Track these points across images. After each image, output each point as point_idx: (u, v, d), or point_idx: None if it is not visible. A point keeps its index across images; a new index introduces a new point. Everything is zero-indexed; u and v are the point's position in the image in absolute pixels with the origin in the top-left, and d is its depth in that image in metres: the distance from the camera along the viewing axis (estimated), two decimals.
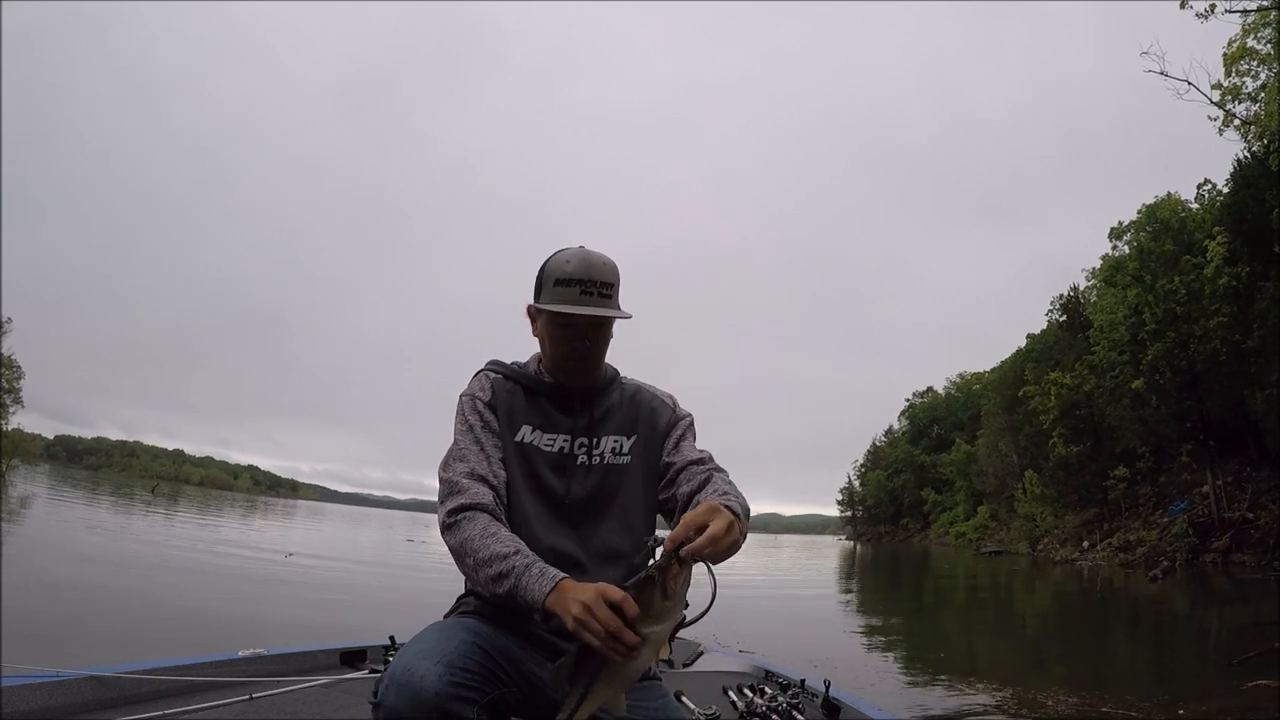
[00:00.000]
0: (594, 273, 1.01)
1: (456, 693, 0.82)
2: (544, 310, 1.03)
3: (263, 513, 34.11)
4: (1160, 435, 24.13)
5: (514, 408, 1.07)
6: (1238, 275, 19.05)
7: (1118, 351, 25.14)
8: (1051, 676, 5.01)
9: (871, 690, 4.22)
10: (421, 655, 0.84)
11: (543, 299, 1.03)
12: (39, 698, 1.45)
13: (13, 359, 32.24)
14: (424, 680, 0.81)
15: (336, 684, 1.80)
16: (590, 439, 1.07)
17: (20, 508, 15.89)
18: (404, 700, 0.81)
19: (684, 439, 1.12)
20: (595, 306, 1.01)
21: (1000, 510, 39.10)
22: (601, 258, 1.04)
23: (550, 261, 1.04)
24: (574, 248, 1.05)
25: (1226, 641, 7.01)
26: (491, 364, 1.14)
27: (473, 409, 1.06)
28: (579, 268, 1.01)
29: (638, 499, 1.09)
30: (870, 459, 68.98)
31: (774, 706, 1.70)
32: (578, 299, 1.00)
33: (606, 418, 1.09)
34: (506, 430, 1.05)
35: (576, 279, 1.00)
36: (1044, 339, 35.19)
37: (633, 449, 1.09)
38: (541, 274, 1.05)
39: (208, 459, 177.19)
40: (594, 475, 1.06)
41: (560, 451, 1.06)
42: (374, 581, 9.39)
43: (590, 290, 1.01)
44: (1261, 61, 14.19)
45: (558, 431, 1.06)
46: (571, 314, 1.00)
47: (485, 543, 0.92)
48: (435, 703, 0.81)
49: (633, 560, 1.05)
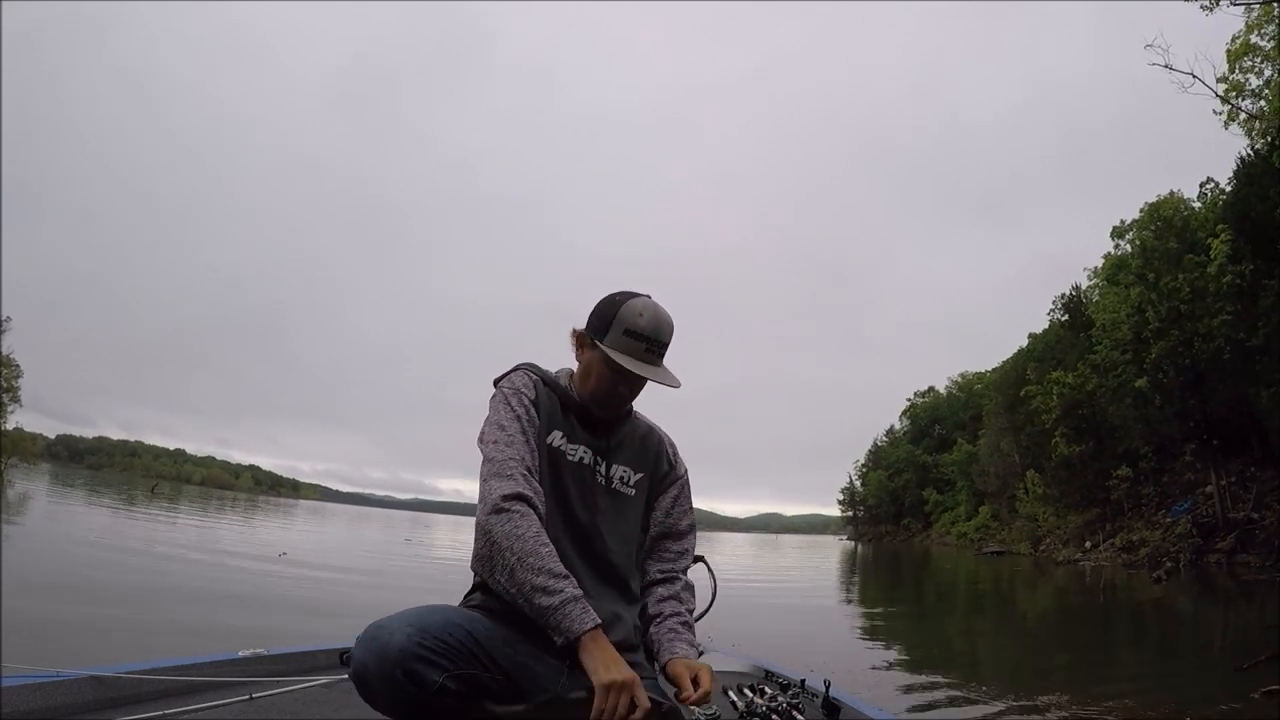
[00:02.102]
0: (662, 333, 1.07)
1: (423, 655, 0.85)
2: (603, 351, 1.07)
3: (264, 512, 34.19)
4: (1163, 434, 24.05)
5: (552, 412, 1.11)
6: (1241, 273, 18.95)
7: (1120, 350, 25.06)
8: (1054, 679, 4.99)
9: (871, 690, 4.21)
10: (400, 619, 0.88)
11: (607, 341, 1.06)
12: (39, 698, 1.44)
13: (11, 358, 32.12)
14: (392, 636, 0.84)
15: (336, 684, 1.79)
16: (607, 461, 1.12)
17: (19, 508, 15.93)
18: (370, 653, 0.85)
19: (679, 503, 1.19)
20: (655, 367, 1.07)
21: (1002, 510, 39.02)
22: (668, 317, 1.08)
23: (624, 308, 1.06)
24: (646, 299, 1.09)
25: (1234, 645, 6.94)
26: (529, 366, 1.16)
27: (519, 401, 1.08)
28: (650, 325, 1.05)
29: (634, 531, 1.14)
30: (871, 459, 68.87)
31: (774, 706, 1.69)
32: (642, 355, 1.05)
33: (622, 446, 1.15)
34: (543, 429, 1.08)
35: (646, 336, 1.05)
36: (1046, 338, 35.10)
37: (637, 484, 1.15)
38: (610, 315, 1.07)
39: (209, 459, 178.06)
40: (606, 495, 1.11)
41: (581, 462, 1.10)
42: (373, 582, 9.40)
43: (654, 350, 1.06)
44: (1265, 58, 14.13)
45: (579, 444, 1.11)
46: (636, 374, 1.05)
47: (538, 549, 0.93)
48: (399, 659, 0.83)
49: (625, 584, 1.10)
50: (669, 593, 1.12)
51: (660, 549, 1.15)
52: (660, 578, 1.13)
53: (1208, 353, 20.13)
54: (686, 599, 1.12)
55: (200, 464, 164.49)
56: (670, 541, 1.16)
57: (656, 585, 1.13)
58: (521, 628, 0.95)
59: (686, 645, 1.05)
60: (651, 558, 1.15)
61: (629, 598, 1.11)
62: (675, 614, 1.09)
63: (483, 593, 1.02)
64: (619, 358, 1.04)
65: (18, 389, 32.68)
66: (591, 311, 1.12)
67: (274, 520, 27.16)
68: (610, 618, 1.04)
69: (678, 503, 1.18)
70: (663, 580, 1.13)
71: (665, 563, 1.14)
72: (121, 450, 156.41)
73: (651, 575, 1.14)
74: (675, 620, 1.08)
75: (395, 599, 7.48)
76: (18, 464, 37.57)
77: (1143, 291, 22.91)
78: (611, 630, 1.02)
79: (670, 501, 1.17)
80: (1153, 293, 22.10)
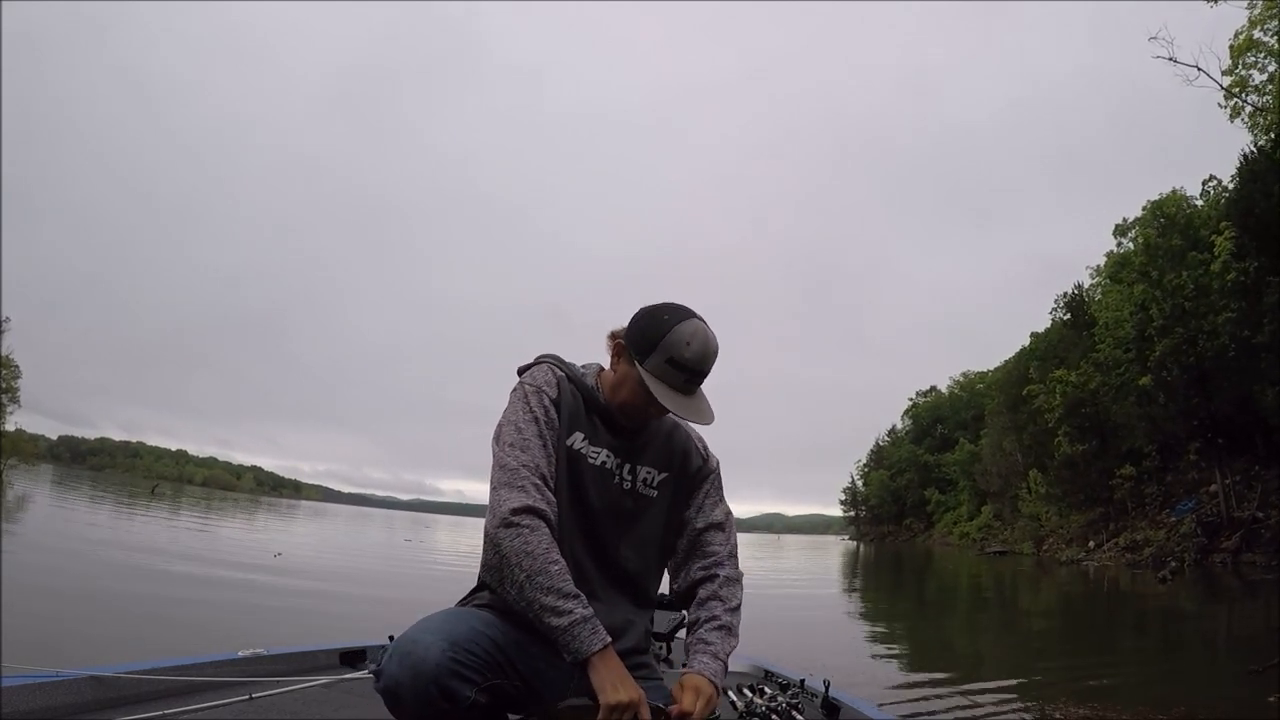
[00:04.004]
0: (706, 363, 1.03)
1: (457, 670, 0.85)
2: (641, 373, 1.02)
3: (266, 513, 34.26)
4: (1167, 433, 23.93)
5: (575, 412, 1.07)
6: (1246, 270, 18.86)
7: (1124, 349, 24.96)
8: (1057, 681, 4.92)
9: (871, 690, 4.19)
10: (428, 631, 0.87)
11: (648, 365, 1.02)
12: (39, 698, 1.44)
13: (10, 358, 31.87)
14: (427, 652, 0.84)
15: (336, 684, 1.80)
16: (630, 463, 1.10)
17: (19, 509, 15.97)
18: (405, 669, 0.84)
19: (709, 495, 1.16)
20: (691, 398, 1.03)
21: (1004, 510, 38.90)
22: (715, 344, 1.04)
23: (672, 333, 1.01)
24: (697, 323, 1.03)
25: (1242, 647, 6.83)
26: (554, 359, 1.13)
27: (539, 401, 1.04)
28: (696, 356, 1.01)
29: (655, 533, 1.12)
30: (873, 458, 68.75)
31: (774, 706, 1.69)
32: (681, 386, 1.02)
33: (646, 446, 1.12)
34: (564, 431, 1.05)
35: (689, 367, 1.01)
36: (1048, 337, 34.98)
37: (661, 485, 1.12)
38: (656, 336, 1.02)
39: (211, 459, 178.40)
40: (628, 498, 1.09)
41: (603, 466, 1.07)
42: (373, 582, 9.41)
43: (694, 380, 1.03)
44: (1269, 54, 14.07)
45: (601, 446, 1.08)
46: (670, 410, 1.01)
47: (548, 568, 0.91)
48: (434, 675, 0.83)
49: (639, 589, 1.10)
50: (709, 593, 1.09)
51: (700, 546, 1.13)
52: (701, 576, 1.10)
53: (1212, 350, 20.03)
54: (728, 595, 1.09)
55: (202, 465, 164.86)
56: (709, 535, 1.13)
57: (698, 585, 1.10)
58: (532, 630, 0.96)
59: (709, 658, 1.02)
60: (693, 556, 1.12)
61: (643, 602, 1.12)
62: (711, 619, 1.06)
63: (490, 591, 1.02)
64: (655, 387, 1.00)
65: (17, 390, 32.50)
66: (636, 321, 1.06)
67: (275, 521, 27.21)
68: (622, 624, 1.05)
69: (709, 496, 1.15)
70: (704, 579, 1.10)
71: (706, 559, 1.12)
72: (123, 451, 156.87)
73: (693, 575, 1.11)
74: (709, 627, 1.05)
75: (395, 599, 7.48)
76: (16, 465, 37.41)
77: (1146, 289, 22.82)
78: (622, 637, 1.03)
79: (703, 497, 1.15)
80: (1157, 290, 22.00)
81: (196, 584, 6.81)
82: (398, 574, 10.92)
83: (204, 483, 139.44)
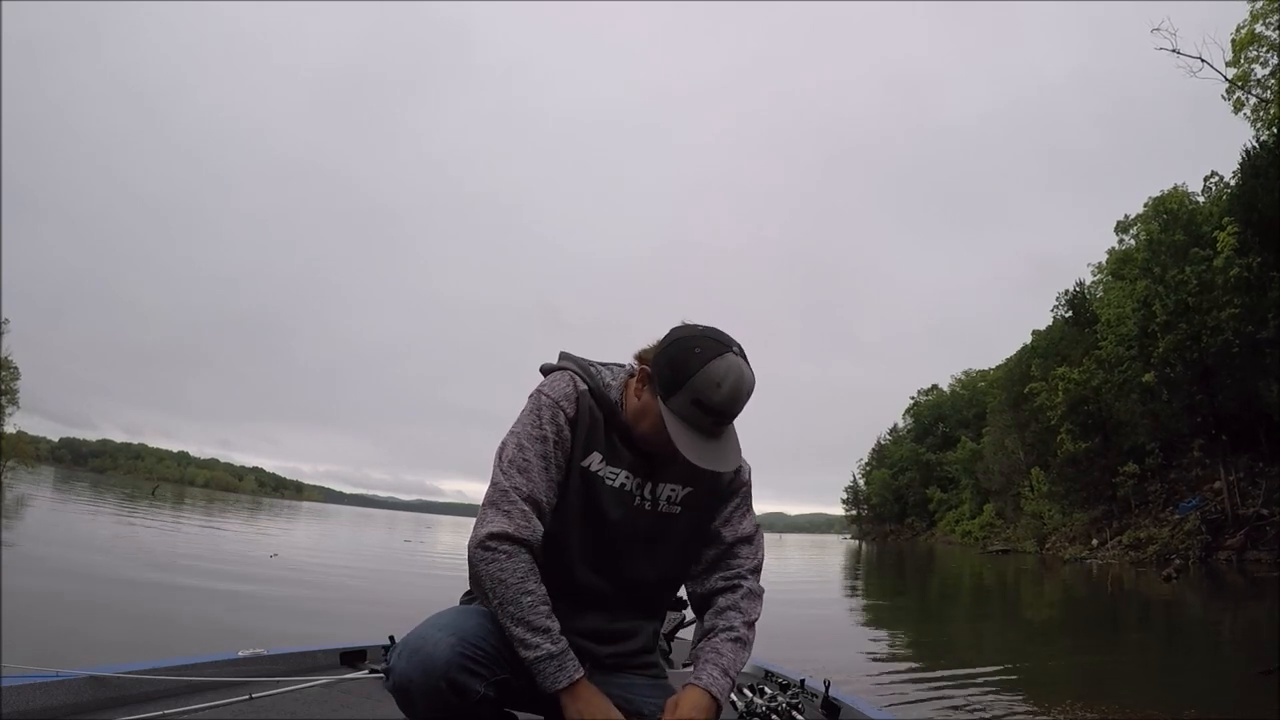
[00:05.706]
0: (736, 407, 0.96)
1: (467, 665, 0.86)
2: (664, 411, 0.96)
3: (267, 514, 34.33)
4: (1171, 430, 23.88)
5: (593, 431, 1.02)
6: (1249, 266, 18.82)
7: (1126, 345, 24.89)
8: (1061, 682, 4.90)
9: (872, 690, 4.18)
10: (437, 627, 0.88)
11: (672, 404, 0.95)
12: (39, 698, 1.45)
13: (9, 359, 31.70)
14: (437, 648, 0.85)
15: (336, 684, 1.79)
16: (651, 481, 1.05)
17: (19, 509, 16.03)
18: (415, 666, 0.85)
19: (739, 508, 1.11)
20: (715, 443, 0.97)
21: (1006, 508, 38.87)
22: (750, 384, 0.96)
23: (702, 372, 0.93)
24: (733, 360, 0.94)
25: (1250, 646, 6.76)
26: (579, 367, 1.06)
27: (552, 419, 0.99)
28: (726, 400, 0.93)
29: (678, 549, 1.09)
30: (875, 457, 68.67)
31: (774, 706, 1.69)
32: (707, 429, 0.95)
33: (670, 461, 1.04)
34: (579, 451, 1.01)
35: (717, 410, 0.94)
36: (1050, 334, 34.92)
37: (685, 500, 1.07)
38: (685, 373, 0.94)
39: (212, 461, 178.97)
40: (647, 519, 1.05)
41: (621, 488, 1.03)
42: (370, 582, 9.43)
43: (722, 423, 0.96)
44: (1271, 48, 14.03)
45: (621, 466, 1.04)
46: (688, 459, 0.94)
47: (519, 598, 0.90)
48: (445, 671, 0.84)
49: (655, 602, 1.11)
50: (729, 602, 1.07)
51: (726, 558, 1.10)
52: (722, 586, 1.08)
53: (1215, 346, 19.97)
54: (748, 608, 1.07)
55: (204, 466, 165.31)
56: (737, 548, 1.10)
57: (717, 595, 1.08)
58: None
59: (719, 672, 0.99)
60: (718, 566, 1.10)
61: (654, 611, 1.12)
62: (728, 629, 1.04)
63: None
64: (676, 431, 0.94)
65: (16, 391, 32.36)
66: (666, 350, 0.98)
67: (276, 521, 27.28)
68: (628, 629, 1.07)
69: (738, 509, 1.12)
70: (724, 589, 1.08)
71: (729, 570, 1.09)
72: (125, 453, 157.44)
73: (714, 584, 1.08)
74: (725, 637, 1.03)
75: (396, 599, 7.50)
76: (15, 467, 37.29)
77: (1149, 285, 22.75)
78: (630, 640, 1.06)
79: (731, 510, 1.11)
80: (1159, 286, 21.93)
81: (196, 584, 6.82)
82: (398, 574, 10.93)
83: (206, 484, 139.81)
